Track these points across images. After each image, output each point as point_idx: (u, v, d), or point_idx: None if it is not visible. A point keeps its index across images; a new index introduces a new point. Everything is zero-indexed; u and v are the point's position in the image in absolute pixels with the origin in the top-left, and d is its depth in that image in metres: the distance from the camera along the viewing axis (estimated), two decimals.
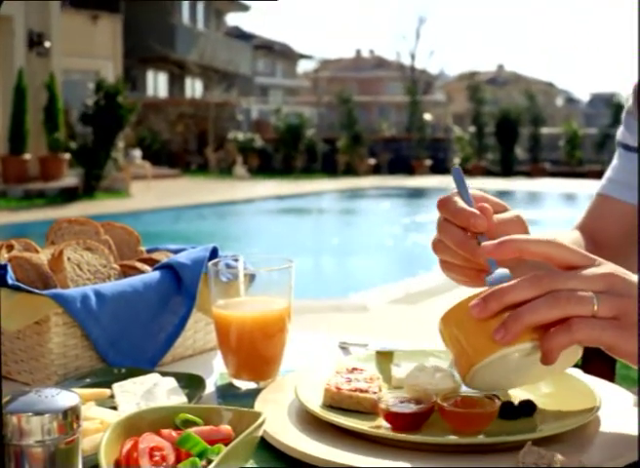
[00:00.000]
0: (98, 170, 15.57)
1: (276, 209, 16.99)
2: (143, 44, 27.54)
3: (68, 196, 15.26)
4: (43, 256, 1.30)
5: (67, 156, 16.20)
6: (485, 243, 0.98)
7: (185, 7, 32.03)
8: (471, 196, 1.06)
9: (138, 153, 19.17)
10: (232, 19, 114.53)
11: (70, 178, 16.21)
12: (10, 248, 1.35)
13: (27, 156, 15.94)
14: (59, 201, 14.89)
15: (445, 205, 1.04)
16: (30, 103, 15.91)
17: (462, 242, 1.03)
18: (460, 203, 1.04)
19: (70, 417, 0.81)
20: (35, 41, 16.71)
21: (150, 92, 30.95)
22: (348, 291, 8.51)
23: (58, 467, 0.81)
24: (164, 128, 25.46)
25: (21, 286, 1.20)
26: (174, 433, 0.91)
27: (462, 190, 1.06)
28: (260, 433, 0.93)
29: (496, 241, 0.96)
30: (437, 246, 1.08)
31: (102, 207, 13.82)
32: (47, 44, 16.84)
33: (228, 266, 1.27)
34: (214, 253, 1.39)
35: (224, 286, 1.25)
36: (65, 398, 0.82)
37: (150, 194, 16.70)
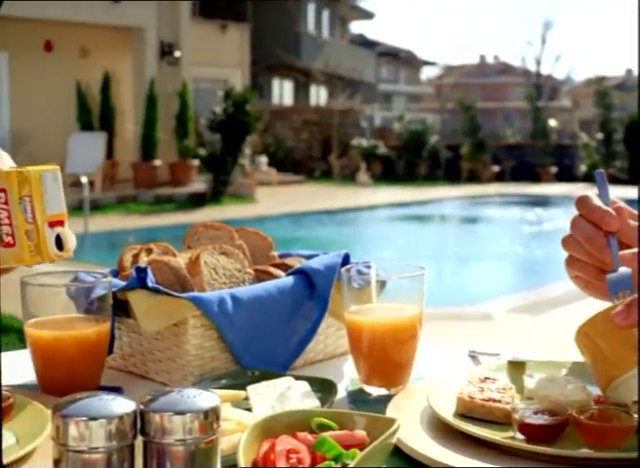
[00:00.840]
0: (225, 176, 15.89)
1: (398, 215, 16.96)
2: (270, 52, 27.96)
3: (196, 201, 15.63)
4: (180, 260, 1.34)
5: (196, 162, 16.61)
6: (624, 252, 0.97)
7: (311, 15, 32.37)
8: (610, 200, 1.10)
9: (264, 160, 19.48)
10: (357, 26, 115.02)
11: (198, 184, 16.60)
12: (149, 251, 1.40)
13: (158, 162, 16.42)
14: (187, 206, 15.27)
15: (583, 202, 1.09)
16: (161, 111, 16.39)
17: (592, 237, 1.07)
18: (598, 201, 1.08)
19: (211, 417, 0.83)
20: (166, 51, 17.20)
21: (276, 99, 31.40)
22: (471, 299, 8.41)
23: (198, 466, 0.83)
24: (289, 135, 25.78)
25: (161, 288, 1.24)
26: (309, 436, 0.92)
27: (603, 192, 1.10)
28: (394, 439, 0.93)
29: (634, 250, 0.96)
30: (567, 241, 1.11)
31: (229, 212, 14.09)
32: (177, 53, 17.31)
33: (360, 273, 1.28)
34: (346, 260, 1.40)
35: (356, 292, 1.26)
36: (206, 398, 0.84)
37: (275, 200, 16.93)
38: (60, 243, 1.08)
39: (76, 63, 16.89)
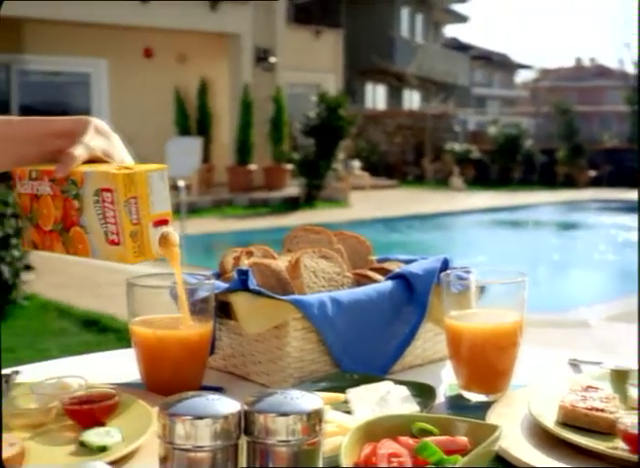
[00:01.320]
0: (319, 180, 15.95)
1: (492, 220, 16.75)
2: (363, 57, 27.98)
3: (290, 205, 15.73)
4: (281, 263, 1.36)
5: (290, 167, 16.73)
6: None
7: (404, 20, 32.26)
8: None
9: (357, 164, 19.49)
10: (450, 30, 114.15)
11: (292, 188, 16.70)
12: (250, 254, 1.42)
13: (253, 166, 16.60)
14: (281, 210, 15.38)
15: None
16: (256, 116, 16.56)
17: None
18: None
19: (314, 420, 0.83)
20: (261, 57, 17.37)
21: (369, 104, 31.39)
22: (567, 306, 8.25)
23: (301, 467, 0.84)
24: (382, 139, 25.74)
25: (263, 291, 1.25)
26: (411, 441, 0.92)
27: None
28: (496, 446, 0.92)
29: None
30: None
31: (322, 216, 14.15)
32: (272, 59, 17.47)
33: (460, 278, 1.28)
34: (445, 265, 1.39)
35: (456, 297, 1.25)
36: (310, 401, 0.85)
37: (368, 204, 16.92)
38: (164, 240, 1.10)
39: (174, 69, 17.21)
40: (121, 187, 1.06)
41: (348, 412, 1.11)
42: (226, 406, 0.83)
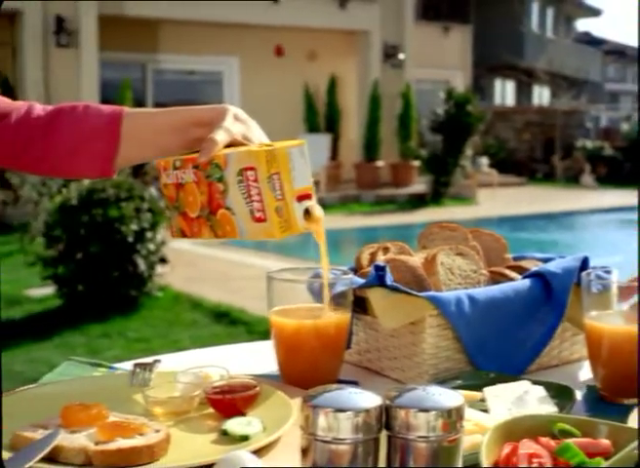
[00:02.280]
0: (446, 177, 15.82)
1: (625, 220, 16.24)
2: (492, 53, 27.57)
3: (417, 202, 15.67)
4: (417, 260, 1.36)
5: (417, 163, 16.66)
6: None
7: (535, 14, 31.63)
8: None
9: (484, 161, 19.23)
10: (582, 24, 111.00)
11: (419, 185, 16.64)
12: (386, 250, 1.43)
13: (380, 163, 16.61)
14: (408, 207, 15.33)
15: None
16: (384, 113, 16.57)
17: None
18: None
19: (455, 417, 0.83)
20: (390, 53, 17.36)
21: (498, 100, 30.93)
22: None
23: (440, 464, 0.84)
24: (510, 136, 25.31)
25: (400, 287, 1.25)
26: (552, 442, 0.91)
27: None
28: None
29: None
30: None
31: (449, 213, 14.02)
32: (401, 56, 17.43)
33: (600, 277, 1.25)
34: (584, 264, 1.37)
35: (596, 297, 1.23)
36: (451, 397, 0.85)
37: (496, 202, 16.67)
38: (308, 215, 1.11)
39: (304, 67, 17.39)
40: (263, 164, 1.07)
41: (484, 411, 1.10)
42: (368, 399, 0.83)
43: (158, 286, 6.91)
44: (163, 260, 6.81)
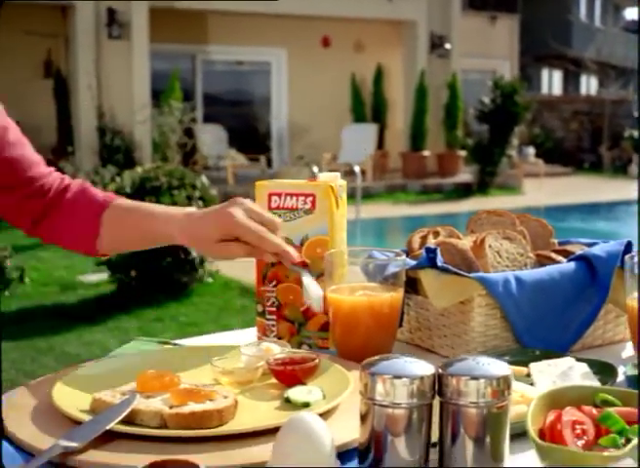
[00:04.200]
0: (492, 167, 15.75)
1: None
2: (539, 42, 27.32)
3: (463, 191, 15.63)
4: (466, 243, 1.43)
5: (463, 153, 16.63)
6: None
7: (582, 3, 31.27)
8: None
9: (531, 150, 19.10)
10: (631, 13, 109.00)
11: (465, 175, 16.59)
12: (436, 234, 1.50)
13: (426, 153, 16.60)
14: (453, 196, 15.31)
15: None
16: (430, 103, 16.55)
17: None
18: None
19: (502, 385, 0.90)
20: (437, 43, 17.32)
21: (545, 89, 30.65)
22: None
23: (489, 428, 0.91)
24: (557, 125, 25.09)
25: (450, 268, 1.32)
26: (594, 410, 0.97)
27: None
28: None
29: None
30: None
31: (495, 203, 13.98)
32: (447, 46, 17.37)
33: None
34: (628, 248, 1.42)
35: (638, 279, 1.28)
36: (499, 367, 0.92)
37: (542, 191, 16.56)
38: None
39: (351, 57, 17.42)
40: None
41: (531, 385, 1.16)
42: (422, 368, 0.91)
43: (209, 272, 7.03)
44: None
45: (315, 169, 11.36)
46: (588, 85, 33.38)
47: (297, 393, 1.11)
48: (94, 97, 13.43)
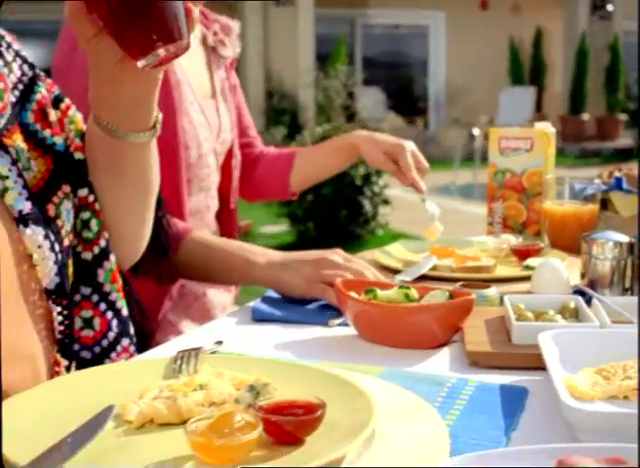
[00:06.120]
0: None
1: None
2: None
3: (622, 156, 15.59)
4: None
5: (624, 117, 16.54)
6: None
7: None
8: None
9: None
10: None
11: (625, 139, 16.51)
12: (619, 170, 2.00)
13: (585, 116, 16.61)
14: (613, 160, 15.26)
15: None
16: (590, 65, 16.52)
17: None
18: None
19: None
20: (598, 5, 17.22)
21: None
22: None
23: None
24: None
25: (632, 189, 1.83)
26: None
27: None
28: None
29: None
30: None
31: None
32: (609, 7, 17.24)
33: None
34: None
35: None
36: None
37: None
38: None
39: (508, 20, 17.54)
40: None
41: None
42: (622, 239, 1.43)
43: (380, 225, 7.63)
44: (385, 202, 7.51)
45: (476, 131, 11.73)
46: None
47: None
48: (262, 63, 14.17)
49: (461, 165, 11.53)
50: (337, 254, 1.46)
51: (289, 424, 0.83)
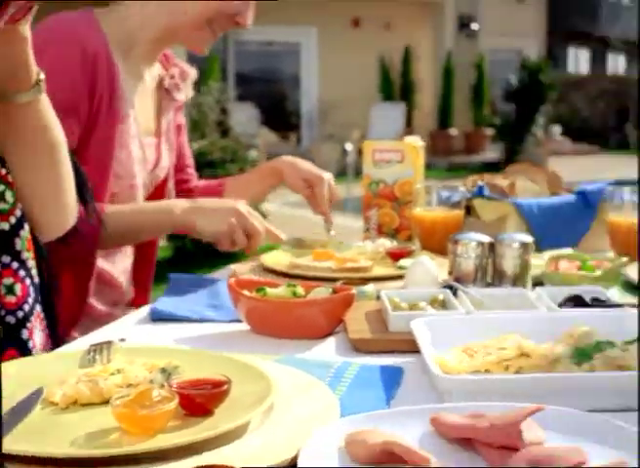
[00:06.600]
0: (518, 145, 16.29)
1: None
2: (566, 21, 27.67)
3: (489, 169, 16.18)
4: (504, 182, 2.12)
5: (490, 131, 17.19)
6: None
7: None
8: None
9: (557, 129, 19.56)
10: None
11: (492, 153, 17.14)
12: (482, 178, 2.19)
13: (453, 131, 17.19)
14: (480, 173, 15.85)
15: None
16: (457, 82, 17.10)
17: None
18: None
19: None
20: (464, 23, 17.85)
21: (571, 68, 31.03)
22: None
23: None
24: (584, 104, 25.53)
25: (493, 196, 2.02)
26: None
27: None
28: None
29: None
30: None
31: None
32: (474, 26, 17.89)
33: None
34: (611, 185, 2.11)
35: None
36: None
37: (568, 169, 16.95)
38: None
39: (379, 38, 17.93)
40: None
41: None
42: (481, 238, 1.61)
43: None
44: (263, 216, 7.63)
45: (349, 146, 11.98)
46: (616, 64, 33.65)
47: None
48: None
49: (335, 180, 11.70)
50: (243, 205, 1.71)
51: (200, 397, 0.96)
